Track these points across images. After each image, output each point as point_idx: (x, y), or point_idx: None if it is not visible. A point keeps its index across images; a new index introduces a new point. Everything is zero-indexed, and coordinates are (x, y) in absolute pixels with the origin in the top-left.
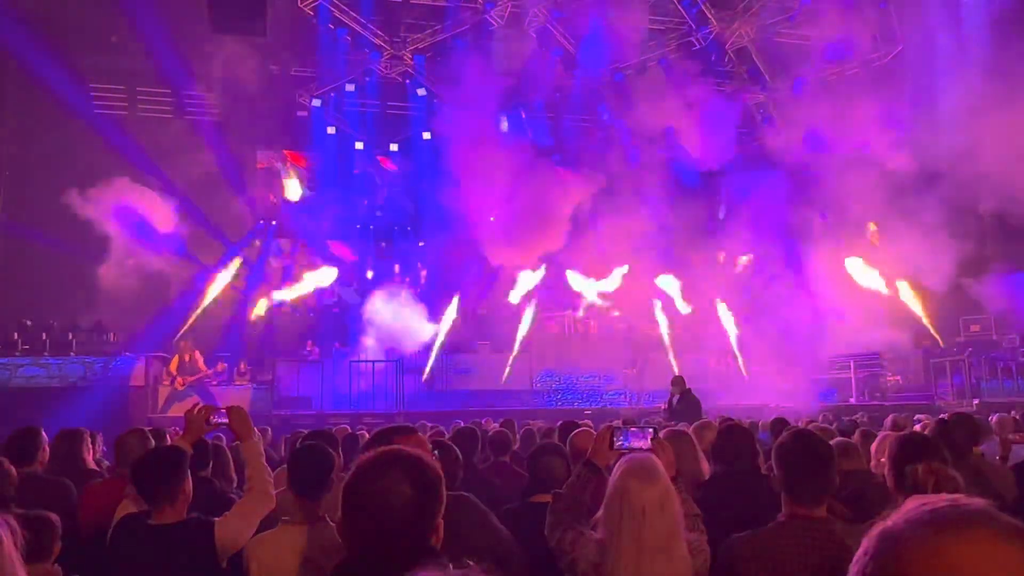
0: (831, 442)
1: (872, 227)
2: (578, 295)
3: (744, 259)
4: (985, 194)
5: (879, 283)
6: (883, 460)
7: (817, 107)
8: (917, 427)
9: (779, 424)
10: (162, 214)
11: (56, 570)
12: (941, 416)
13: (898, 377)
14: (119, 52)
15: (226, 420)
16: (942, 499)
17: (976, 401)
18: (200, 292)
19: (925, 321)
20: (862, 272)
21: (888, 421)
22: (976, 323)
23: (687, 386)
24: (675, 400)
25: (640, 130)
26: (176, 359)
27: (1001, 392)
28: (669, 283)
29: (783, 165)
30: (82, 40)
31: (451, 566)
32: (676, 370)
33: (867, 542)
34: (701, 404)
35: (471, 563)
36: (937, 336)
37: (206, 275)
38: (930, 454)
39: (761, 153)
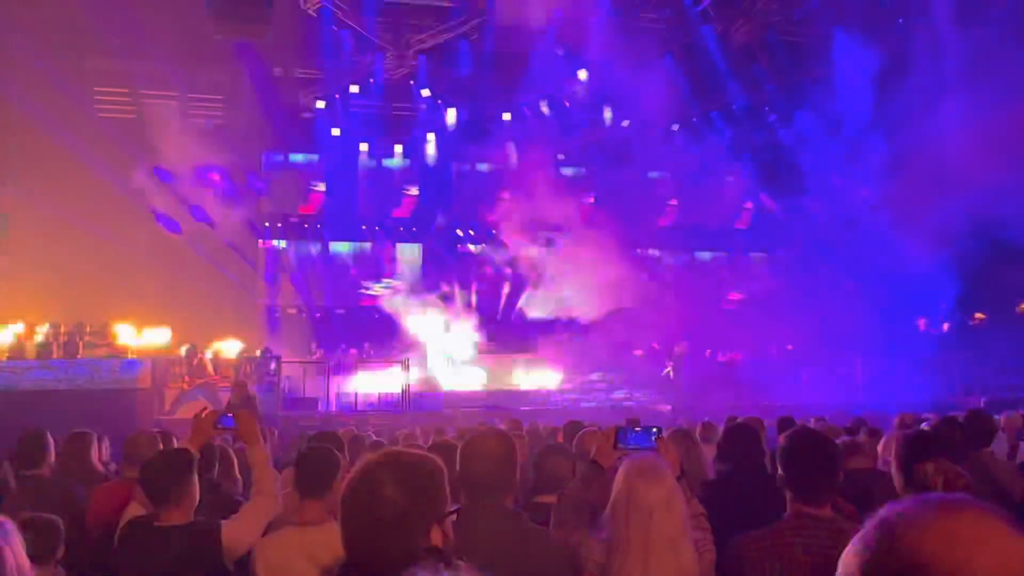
0: (838, 441)
1: None
2: None
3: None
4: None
5: None
6: (890, 459)
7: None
8: (924, 426)
9: (785, 423)
10: (170, 216)
11: (59, 572)
12: (948, 415)
13: None
14: (123, 55)
15: (233, 425)
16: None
17: (983, 399)
18: (206, 294)
19: None
20: None
21: (895, 420)
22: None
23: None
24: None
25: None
26: (184, 362)
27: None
28: None
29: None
30: (85, 43)
31: (443, 567)
32: None
33: (864, 532)
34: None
35: (463, 563)
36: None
37: (209, 276)
38: (938, 452)
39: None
